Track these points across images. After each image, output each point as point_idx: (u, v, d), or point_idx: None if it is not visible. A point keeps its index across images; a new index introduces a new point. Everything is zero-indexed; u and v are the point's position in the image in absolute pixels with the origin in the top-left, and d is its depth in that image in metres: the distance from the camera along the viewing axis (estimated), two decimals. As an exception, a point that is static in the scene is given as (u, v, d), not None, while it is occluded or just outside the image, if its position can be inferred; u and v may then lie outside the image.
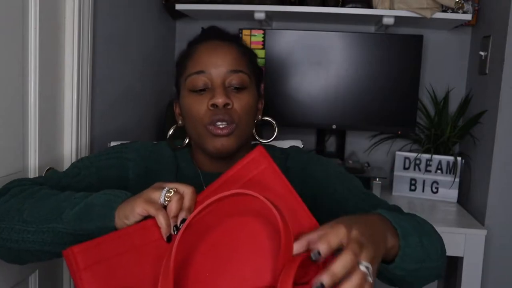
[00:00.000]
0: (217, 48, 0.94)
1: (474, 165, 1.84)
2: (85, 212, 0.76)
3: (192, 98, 0.93)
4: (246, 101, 0.93)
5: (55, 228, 0.77)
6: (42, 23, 1.13)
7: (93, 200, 0.77)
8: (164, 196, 0.72)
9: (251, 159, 0.74)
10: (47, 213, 0.79)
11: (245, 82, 0.94)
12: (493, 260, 1.67)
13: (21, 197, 0.84)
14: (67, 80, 1.26)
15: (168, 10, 2.00)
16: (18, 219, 0.80)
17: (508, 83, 1.61)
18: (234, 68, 0.93)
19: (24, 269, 1.13)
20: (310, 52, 1.94)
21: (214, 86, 0.92)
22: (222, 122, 0.90)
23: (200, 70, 0.92)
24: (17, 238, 0.79)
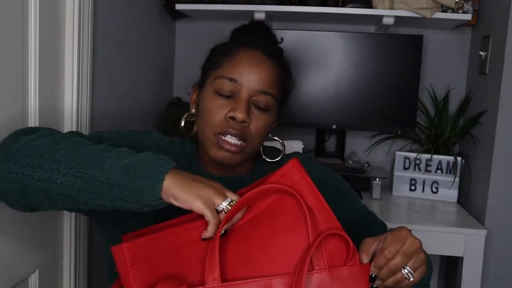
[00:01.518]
0: (259, 63, 0.92)
1: (474, 165, 1.84)
2: (133, 167, 0.73)
3: (214, 101, 0.91)
4: (264, 124, 0.92)
5: (94, 176, 0.73)
6: (42, 23, 1.13)
7: (144, 158, 0.74)
8: (224, 207, 0.72)
9: (286, 171, 0.76)
10: (86, 159, 0.75)
11: (270, 105, 0.92)
12: (493, 260, 1.67)
13: (54, 138, 0.80)
14: (67, 80, 1.26)
15: (168, 10, 2.00)
16: (49, 157, 0.75)
17: (508, 83, 1.61)
18: (266, 90, 0.91)
19: (24, 269, 1.13)
20: (310, 52, 1.94)
21: (239, 99, 0.90)
22: (233, 137, 0.89)
23: (233, 78, 0.90)
24: (42, 176, 0.75)
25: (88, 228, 1.37)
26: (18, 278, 1.11)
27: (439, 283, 2.14)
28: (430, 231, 1.60)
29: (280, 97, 0.96)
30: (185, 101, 2.12)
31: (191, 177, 0.74)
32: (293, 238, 0.73)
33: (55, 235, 1.26)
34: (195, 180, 0.74)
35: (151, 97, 1.94)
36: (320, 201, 0.75)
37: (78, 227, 1.32)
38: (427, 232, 1.60)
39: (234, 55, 0.93)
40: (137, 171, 0.72)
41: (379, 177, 1.87)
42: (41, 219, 1.19)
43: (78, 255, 1.33)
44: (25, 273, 1.14)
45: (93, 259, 1.44)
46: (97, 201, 0.74)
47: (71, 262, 1.32)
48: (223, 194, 0.73)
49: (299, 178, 0.76)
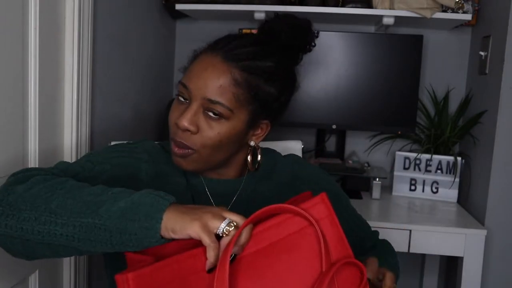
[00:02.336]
0: (209, 68, 0.86)
1: (474, 165, 1.84)
2: (130, 210, 0.70)
3: (174, 105, 0.90)
4: (217, 133, 0.86)
5: (91, 223, 0.71)
6: (42, 23, 1.13)
7: (140, 198, 0.71)
8: (223, 229, 0.67)
9: (312, 205, 0.73)
10: (82, 206, 0.72)
11: (224, 114, 0.85)
12: (493, 260, 1.67)
13: (48, 185, 0.77)
14: (67, 80, 1.26)
15: (168, 10, 2.00)
16: (45, 208, 0.73)
17: (508, 83, 1.61)
18: (212, 98, 0.84)
19: (24, 269, 1.13)
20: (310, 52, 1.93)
21: (190, 106, 0.86)
22: (175, 144, 0.88)
23: (185, 84, 0.87)
24: (41, 229, 0.72)
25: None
26: (18, 278, 1.11)
27: (439, 283, 2.14)
28: (430, 231, 1.60)
29: (242, 104, 0.87)
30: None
31: (190, 206, 0.71)
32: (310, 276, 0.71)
33: (55, 235, 1.26)
34: (193, 208, 0.70)
35: (151, 97, 1.94)
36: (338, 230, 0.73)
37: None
38: (427, 232, 1.60)
39: (195, 60, 0.90)
40: (134, 214, 0.70)
41: (379, 177, 1.87)
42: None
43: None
44: (25, 273, 1.14)
45: (93, 259, 1.44)
46: (99, 248, 0.72)
47: (71, 262, 1.31)
48: (221, 216, 0.68)
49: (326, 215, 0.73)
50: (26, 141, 1.13)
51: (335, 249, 0.72)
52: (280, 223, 0.72)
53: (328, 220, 0.73)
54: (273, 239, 0.71)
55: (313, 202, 0.73)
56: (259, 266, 0.70)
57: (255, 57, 0.88)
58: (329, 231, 0.72)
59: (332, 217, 0.73)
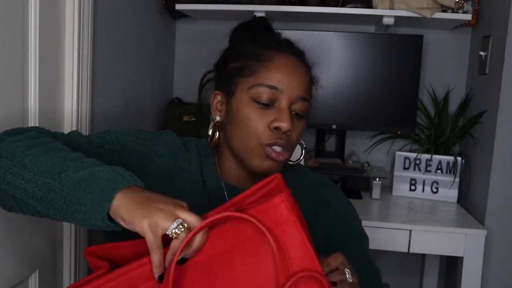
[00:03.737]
0: (296, 69, 0.89)
1: (474, 165, 1.84)
2: (87, 180, 0.68)
3: (253, 110, 0.87)
4: (301, 129, 0.91)
5: (51, 185, 0.70)
6: (42, 23, 1.13)
7: (100, 172, 0.69)
8: (172, 230, 0.63)
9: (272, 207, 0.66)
10: (49, 166, 0.71)
11: (307, 111, 0.91)
12: (493, 260, 1.67)
13: (32, 142, 0.76)
14: (67, 80, 1.26)
15: (168, 10, 2.00)
16: (19, 161, 0.73)
17: (508, 83, 1.61)
18: (304, 96, 0.89)
19: (24, 269, 1.13)
20: (310, 52, 1.93)
21: (281, 107, 0.86)
22: (281, 147, 0.87)
23: (274, 86, 0.86)
24: (9, 180, 0.72)
25: (88, 228, 1.37)
26: (18, 278, 1.11)
27: (439, 283, 2.14)
28: (430, 231, 1.60)
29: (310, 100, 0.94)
30: (185, 101, 2.12)
31: (148, 196, 0.67)
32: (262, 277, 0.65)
33: (55, 235, 1.26)
34: (150, 199, 0.66)
35: (151, 97, 1.94)
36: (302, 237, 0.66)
37: (78, 227, 1.32)
38: (427, 232, 1.60)
39: (270, 61, 0.88)
40: (89, 185, 0.68)
41: (379, 177, 1.87)
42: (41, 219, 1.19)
43: (78, 255, 1.33)
44: (25, 273, 1.14)
45: (93, 259, 1.44)
46: (52, 212, 0.71)
47: (71, 262, 1.31)
48: (173, 215, 0.64)
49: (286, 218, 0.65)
50: (26, 141, 1.13)
51: (297, 257, 0.65)
52: (238, 225, 0.65)
53: (289, 224, 0.65)
54: (229, 244, 0.66)
55: (273, 203, 0.66)
56: (212, 272, 0.65)
57: (304, 55, 0.96)
58: (291, 238, 0.65)
59: (294, 222, 0.65)
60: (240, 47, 0.93)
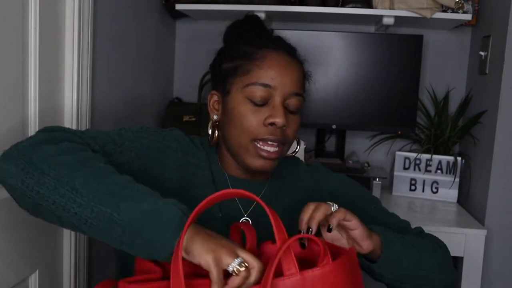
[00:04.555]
0: (288, 66, 0.91)
1: (474, 165, 1.84)
2: (150, 216, 0.69)
3: (248, 108, 0.89)
4: (297, 124, 0.94)
5: (109, 215, 0.70)
6: (42, 23, 1.13)
7: (165, 207, 0.71)
8: (234, 267, 0.66)
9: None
10: (105, 193, 0.71)
11: (300, 106, 0.93)
12: (493, 260, 1.67)
13: (76, 158, 0.76)
14: (67, 80, 1.26)
15: (168, 10, 2.00)
16: (67, 182, 0.72)
17: (508, 83, 1.61)
18: (297, 91, 0.92)
19: (24, 269, 1.13)
20: (310, 52, 1.92)
21: (275, 104, 0.89)
22: (274, 142, 0.89)
23: (267, 84, 0.89)
24: (57, 201, 0.71)
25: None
26: (18, 278, 1.11)
27: (439, 283, 2.14)
28: (430, 231, 1.60)
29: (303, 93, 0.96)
30: (185, 101, 2.12)
31: (208, 232, 0.71)
32: None
33: (55, 235, 1.26)
34: (212, 235, 0.70)
35: (151, 97, 1.94)
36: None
37: (78, 227, 1.32)
38: (427, 232, 1.60)
39: (262, 60, 0.90)
40: (153, 221, 0.69)
41: (379, 177, 1.87)
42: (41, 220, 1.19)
43: (78, 255, 1.33)
44: (25, 273, 1.14)
45: (93, 259, 1.44)
46: (105, 239, 0.72)
47: (71, 262, 1.31)
48: (235, 253, 0.67)
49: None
50: (26, 141, 1.13)
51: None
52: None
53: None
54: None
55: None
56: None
57: (296, 51, 0.99)
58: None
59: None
60: (233, 47, 0.95)
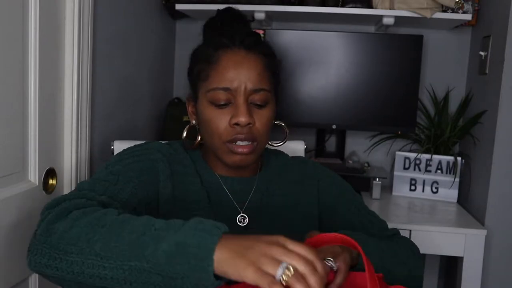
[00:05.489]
0: (243, 63, 0.91)
1: (474, 165, 1.84)
2: (177, 253, 0.65)
3: (212, 112, 0.91)
4: (267, 118, 0.93)
5: (140, 267, 0.66)
6: (42, 23, 1.13)
7: (185, 238, 0.66)
8: (282, 274, 0.61)
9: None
10: (126, 248, 0.68)
11: (267, 99, 0.93)
12: (493, 260, 1.67)
13: (88, 222, 0.73)
14: (67, 80, 1.26)
15: (168, 10, 2.00)
16: (89, 251, 0.69)
17: (508, 83, 1.61)
18: (258, 87, 0.91)
19: (24, 269, 1.13)
20: (310, 52, 1.94)
21: (237, 103, 0.90)
22: (243, 141, 0.90)
23: (225, 87, 0.90)
24: (91, 273, 0.69)
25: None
26: (18, 278, 1.11)
27: (439, 283, 2.14)
28: (430, 231, 1.60)
29: (273, 84, 0.95)
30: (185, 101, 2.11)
31: (241, 242, 0.65)
32: None
33: (55, 235, 1.26)
34: (245, 244, 0.64)
35: (151, 97, 1.93)
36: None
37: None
38: (427, 232, 1.60)
39: (217, 62, 0.91)
40: (183, 257, 0.64)
41: (379, 177, 1.87)
42: (41, 219, 1.19)
43: (78, 255, 1.33)
44: (25, 273, 1.14)
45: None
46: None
47: (71, 262, 1.31)
48: (273, 259, 0.62)
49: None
50: (26, 141, 1.13)
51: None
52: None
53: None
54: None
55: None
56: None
57: (260, 42, 0.96)
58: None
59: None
60: (196, 51, 0.98)
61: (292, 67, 1.94)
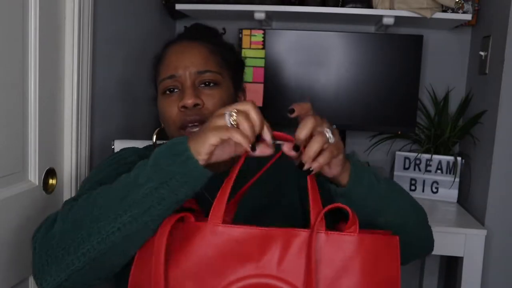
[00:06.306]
0: (185, 50, 0.96)
1: (474, 165, 1.84)
2: (157, 164, 0.71)
3: (164, 101, 0.97)
4: (219, 98, 0.94)
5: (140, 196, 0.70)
6: (42, 23, 1.13)
7: (156, 155, 0.72)
8: (229, 119, 0.69)
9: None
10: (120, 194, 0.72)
11: (216, 79, 0.95)
12: (493, 260, 1.67)
13: (75, 209, 0.76)
14: (67, 80, 1.26)
15: (168, 10, 2.00)
16: (90, 220, 0.72)
17: (508, 83, 1.61)
18: (202, 69, 0.94)
19: (24, 269, 1.13)
20: (310, 52, 1.94)
21: (183, 87, 0.94)
22: (194, 123, 0.92)
23: (170, 75, 0.95)
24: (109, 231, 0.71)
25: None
26: (18, 278, 1.11)
27: (439, 283, 2.14)
28: (430, 231, 1.60)
29: (225, 68, 0.98)
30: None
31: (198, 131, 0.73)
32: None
33: (55, 235, 1.26)
34: (201, 129, 0.72)
35: (151, 97, 1.93)
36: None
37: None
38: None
39: (165, 56, 0.98)
40: (164, 163, 0.70)
41: (379, 177, 1.86)
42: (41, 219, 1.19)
43: (78, 255, 1.33)
44: (25, 273, 1.14)
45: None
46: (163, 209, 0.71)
47: (71, 262, 1.31)
48: (220, 114, 0.70)
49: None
50: (26, 141, 1.13)
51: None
52: None
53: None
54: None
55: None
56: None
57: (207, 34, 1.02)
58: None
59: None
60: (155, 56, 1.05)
61: (292, 67, 1.94)
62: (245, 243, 0.69)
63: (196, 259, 0.70)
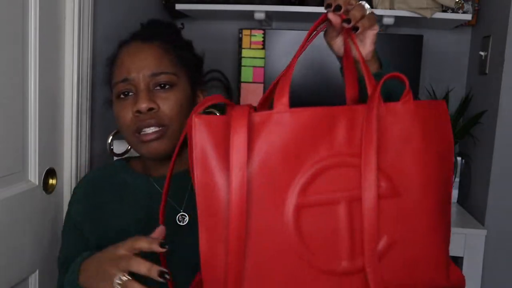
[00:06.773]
0: (137, 52, 0.93)
1: (474, 165, 1.84)
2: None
3: (118, 106, 0.93)
4: (175, 100, 0.91)
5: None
6: (42, 23, 1.13)
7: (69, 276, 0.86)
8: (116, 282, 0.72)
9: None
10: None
11: (171, 81, 0.92)
12: (493, 260, 1.67)
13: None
14: (67, 80, 1.26)
15: (168, 10, 2.00)
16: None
17: (508, 83, 1.61)
18: (156, 71, 0.91)
19: (24, 269, 1.13)
20: (310, 52, 1.93)
21: (137, 91, 0.91)
22: (150, 128, 0.89)
23: (124, 78, 0.91)
24: None
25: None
26: (18, 278, 1.11)
27: (439, 283, 2.14)
28: (430, 231, 1.60)
29: (181, 67, 0.95)
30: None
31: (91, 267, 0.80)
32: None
33: (55, 235, 1.26)
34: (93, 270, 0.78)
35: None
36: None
37: (78, 227, 1.32)
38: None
39: (117, 59, 0.95)
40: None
41: (379, 177, 1.86)
42: (41, 219, 1.19)
43: (78, 255, 1.33)
44: (25, 273, 1.14)
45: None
46: None
47: (71, 262, 1.31)
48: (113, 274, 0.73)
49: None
50: (26, 141, 1.13)
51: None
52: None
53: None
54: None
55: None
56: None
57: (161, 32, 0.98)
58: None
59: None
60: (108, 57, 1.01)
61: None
62: (314, 125, 0.67)
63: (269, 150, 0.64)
